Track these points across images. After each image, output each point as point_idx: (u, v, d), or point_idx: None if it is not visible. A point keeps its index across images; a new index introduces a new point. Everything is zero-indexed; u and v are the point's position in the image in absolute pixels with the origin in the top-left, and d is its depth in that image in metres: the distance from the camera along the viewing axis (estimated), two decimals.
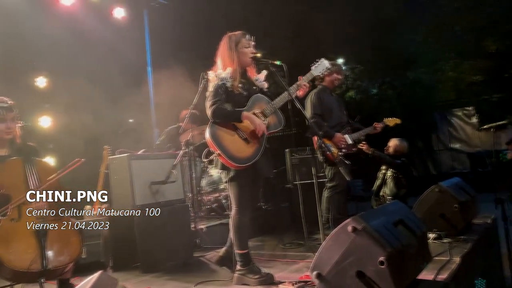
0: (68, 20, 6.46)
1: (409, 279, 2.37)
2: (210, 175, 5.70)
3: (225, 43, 3.19)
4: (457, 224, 3.76)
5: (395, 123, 4.71)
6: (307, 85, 3.22)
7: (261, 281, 3.02)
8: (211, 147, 3.06)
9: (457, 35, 14.41)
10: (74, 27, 6.51)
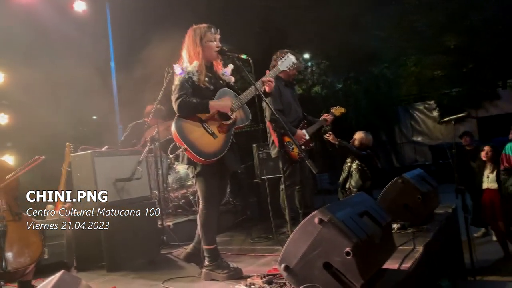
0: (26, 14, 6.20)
1: (375, 269, 2.41)
2: (176, 172, 5.63)
3: (190, 36, 3.13)
4: (420, 214, 3.86)
5: (340, 112, 4.74)
6: (272, 80, 3.21)
7: (229, 276, 3.01)
8: (177, 142, 3.01)
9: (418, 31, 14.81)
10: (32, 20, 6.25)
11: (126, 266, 3.79)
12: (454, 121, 4.73)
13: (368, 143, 5.78)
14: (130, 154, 4.28)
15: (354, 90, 15.84)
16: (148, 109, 5.58)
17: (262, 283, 2.65)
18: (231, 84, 3.30)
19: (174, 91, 3.03)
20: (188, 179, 5.50)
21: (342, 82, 16.48)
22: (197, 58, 3.07)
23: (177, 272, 3.45)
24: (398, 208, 3.86)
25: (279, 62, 3.41)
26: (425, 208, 3.92)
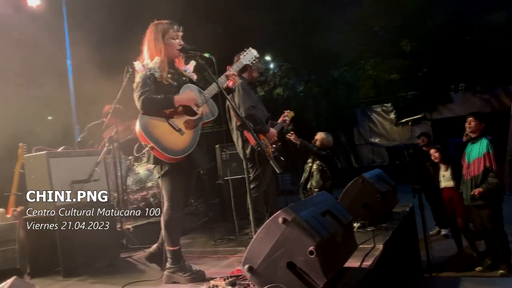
0: None
1: (337, 267, 2.44)
2: (136, 173, 5.50)
3: (151, 32, 3.05)
4: (379, 213, 3.95)
5: (291, 116, 4.82)
6: (236, 74, 3.19)
7: (191, 279, 2.96)
8: (142, 140, 2.91)
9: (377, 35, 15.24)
10: None
11: (83, 270, 3.65)
12: (411, 123, 4.88)
13: (328, 144, 5.89)
14: (88, 155, 4.14)
15: (314, 93, 16.10)
16: (106, 109, 5.42)
17: (226, 284, 2.61)
18: (193, 81, 3.25)
19: (136, 89, 2.94)
20: (148, 181, 5.38)
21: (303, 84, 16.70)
22: (159, 54, 3.00)
23: (138, 275, 3.36)
24: (358, 207, 3.93)
25: (241, 57, 3.40)
26: (384, 207, 4.01)
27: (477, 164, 4.77)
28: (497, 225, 4.79)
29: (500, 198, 4.85)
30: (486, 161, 4.70)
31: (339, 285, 2.41)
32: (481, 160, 4.75)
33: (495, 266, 4.85)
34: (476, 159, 4.78)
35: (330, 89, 16.11)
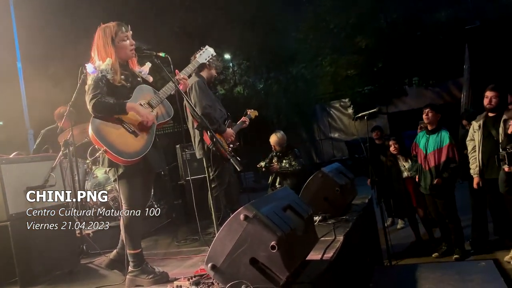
0: None
1: (299, 261, 2.49)
2: (95, 177, 5.36)
3: (100, 37, 2.95)
4: (339, 206, 4.05)
5: (255, 115, 4.86)
6: (186, 78, 3.17)
7: (155, 281, 2.92)
8: (95, 144, 2.84)
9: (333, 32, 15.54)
10: None
11: (42, 279, 3.53)
12: (367, 117, 5.01)
13: (284, 141, 5.92)
14: (42, 160, 3.99)
15: (274, 90, 16.23)
16: (58, 112, 5.25)
17: (190, 284, 2.60)
18: (149, 83, 3.20)
19: (88, 91, 2.86)
20: (107, 184, 5.26)
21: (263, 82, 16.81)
22: (110, 55, 2.92)
23: (99, 281, 3.28)
24: (319, 201, 4.01)
25: (197, 55, 3.38)
26: (344, 200, 4.12)
27: (437, 155, 4.93)
28: (452, 212, 5.01)
29: (453, 186, 5.07)
30: (449, 152, 4.88)
31: (301, 277, 2.45)
32: (442, 150, 4.91)
33: (451, 251, 5.07)
34: (436, 150, 4.94)
35: (289, 86, 16.30)
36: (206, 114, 4.07)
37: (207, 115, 4.07)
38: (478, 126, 4.72)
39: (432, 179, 4.92)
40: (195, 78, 4.28)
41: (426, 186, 5.01)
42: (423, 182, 5.06)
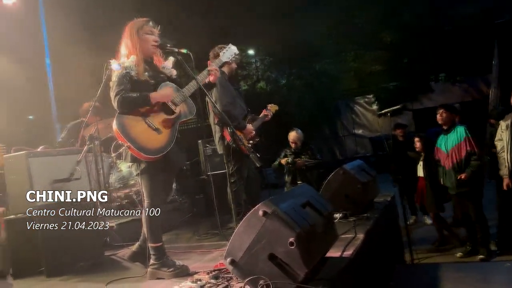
0: None
1: (318, 257, 2.48)
2: (119, 171, 5.47)
3: (127, 29, 3.05)
4: (360, 203, 4.02)
5: (275, 109, 4.88)
6: (217, 69, 3.20)
7: (175, 274, 2.97)
8: (119, 139, 2.92)
9: (357, 27, 15.32)
10: None
11: (67, 270, 3.64)
12: (390, 114, 4.95)
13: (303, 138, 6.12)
14: (68, 153, 4.11)
15: (297, 86, 16.14)
16: (84, 107, 5.37)
17: (209, 278, 2.64)
18: (173, 77, 3.24)
19: (112, 88, 2.94)
20: (131, 178, 5.36)
21: (286, 77, 16.73)
22: (134, 51, 3.00)
23: (122, 273, 3.36)
24: (339, 198, 3.99)
25: (221, 53, 3.42)
26: (365, 197, 4.08)
27: (457, 150, 4.85)
28: (479, 212, 4.91)
29: (481, 182, 4.97)
30: (467, 145, 4.80)
31: (320, 274, 2.45)
32: (461, 145, 4.83)
33: (475, 251, 4.97)
34: (456, 146, 4.87)
35: (312, 82, 16.17)
36: (226, 111, 4.10)
37: (227, 112, 4.10)
38: (506, 126, 4.61)
39: (456, 176, 4.83)
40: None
41: (453, 184, 4.91)
42: (449, 182, 4.96)
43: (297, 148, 6.02)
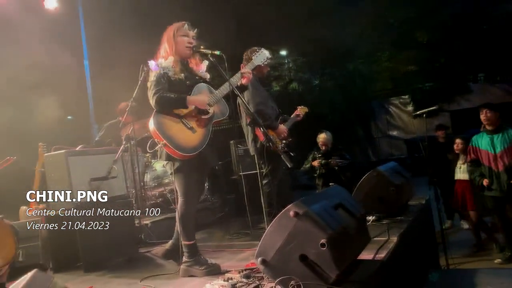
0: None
1: (350, 260, 2.46)
2: (153, 170, 5.60)
3: (166, 32, 3.16)
4: (394, 206, 3.94)
5: (304, 111, 4.85)
6: (250, 72, 3.24)
7: (207, 272, 3.02)
8: (155, 138, 3.00)
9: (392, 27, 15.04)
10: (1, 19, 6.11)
11: (103, 265, 3.76)
12: (426, 115, 4.84)
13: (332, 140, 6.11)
14: (105, 153, 4.24)
15: (330, 86, 15.99)
16: (121, 106, 5.52)
17: (240, 277, 2.67)
18: (207, 80, 3.31)
19: (150, 87, 3.03)
20: (165, 177, 5.47)
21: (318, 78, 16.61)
22: (171, 53, 3.10)
23: (155, 270, 3.44)
24: (373, 201, 3.93)
25: (253, 57, 3.45)
26: (399, 200, 4.00)
27: (510, 152, 4.68)
28: None
29: None
30: None
31: (352, 276, 2.42)
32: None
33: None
34: (508, 148, 4.70)
35: (345, 82, 15.97)
36: (259, 111, 4.13)
37: (260, 111, 4.13)
38: None
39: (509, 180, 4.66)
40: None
41: (502, 187, 4.73)
42: (496, 184, 4.78)
43: (327, 150, 6.02)
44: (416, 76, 15.73)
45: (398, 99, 16.48)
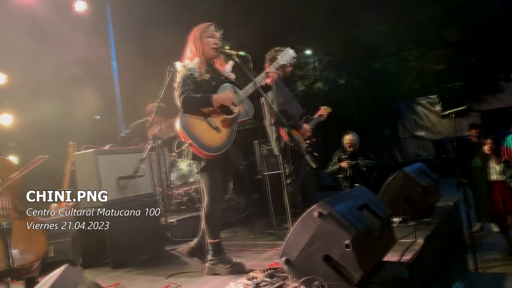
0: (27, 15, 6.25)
1: (374, 261, 2.44)
2: (179, 169, 5.67)
3: (192, 34, 3.21)
4: (421, 208, 3.88)
5: (328, 111, 4.81)
6: (275, 71, 3.25)
7: (232, 270, 3.05)
8: (181, 137, 3.05)
9: (419, 25, 14.75)
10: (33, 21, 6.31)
11: (130, 262, 3.84)
12: (455, 115, 4.74)
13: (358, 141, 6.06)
14: (133, 152, 4.33)
15: (356, 86, 15.81)
16: (149, 107, 5.61)
17: (264, 276, 2.68)
18: (232, 80, 3.34)
19: (177, 88, 3.08)
20: (191, 176, 5.53)
21: (344, 77, 16.44)
22: (197, 54, 3.14)
23: (181, 267, 3.50)
24: (399, 202, 3.88)
25: (279, 56, 3.45)
26: (426, 202, 3.94)
27: None
28: None
29: None
30: None
31: (376, 278, 2.41)
32: None
33: None
34: None
35: (371, 82, 15.76)
36: (283, 110, 4.13)
37: (284, 111, 4.13)
38: None
39: None
40: None
41: None
42: None
43: (354, 151, 5.98)
44: (445, 75, 15.37)
45: (425, 98, 16.16)
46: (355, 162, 5.89)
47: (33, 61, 6.25)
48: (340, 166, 6.04)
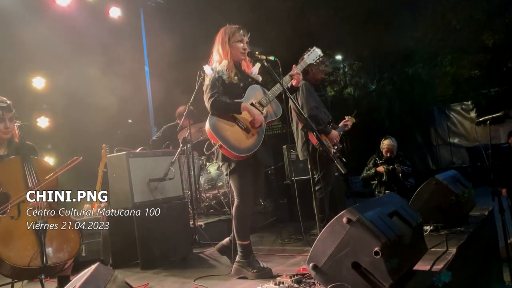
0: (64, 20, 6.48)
1: (404, 269, 2.39)
2: (208, 173, 5.72)
3: (220, 35, 3.22)
4: (453, 216, 3.77)
5: (352, 121, 4.73)
6: (300, 73, 3.24)
7: (259, 275, 3.04)
8: (211, 139, 3.08)
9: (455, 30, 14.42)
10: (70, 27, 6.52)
11: (159, 264, 3.89)
12: (490, 122, 4.59)
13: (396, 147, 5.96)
14: (163, 155, 4.40)
15: (387, 91, 15.57)
16: (179, 110, 5.70)
17: (291, 282, 2.66)
18: (259, 82, 3.35)
19: (206, 91, 3.12)
20: (219, 180, 5.58)
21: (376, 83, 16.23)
22: (226, 57, 3.17)
23: (208, 270, 3.52)
24: (431, 210, 3.79)
25: (305, 56, 3.43)
26: (459, 210, 3.82)
27: None
28: None
29: None
30: None
31: (407, 287, 2.35)
32: None
33: None
34: None
35: (404, 87, 15.48)
36: (312, 116, 4.12)
37: (314, 116, 4.12)
38: None
39: None
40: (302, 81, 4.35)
41: None
42: None
43: (390, 157, 5.89)
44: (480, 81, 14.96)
45: (460, 105, 15.73)
46: (392, 167, 5.77)
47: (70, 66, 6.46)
48: (376, 170, 5.92)
